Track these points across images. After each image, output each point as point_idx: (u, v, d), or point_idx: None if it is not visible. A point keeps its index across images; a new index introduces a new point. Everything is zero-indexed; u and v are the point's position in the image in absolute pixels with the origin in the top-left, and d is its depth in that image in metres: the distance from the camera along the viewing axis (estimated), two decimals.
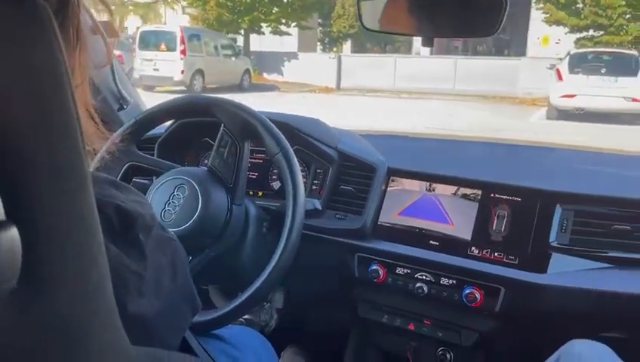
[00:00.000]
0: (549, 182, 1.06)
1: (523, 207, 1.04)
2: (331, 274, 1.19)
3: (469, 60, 14.50)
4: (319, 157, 1.18)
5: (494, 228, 1.05)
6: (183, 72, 11.96)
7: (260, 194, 1.24)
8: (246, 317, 1.18)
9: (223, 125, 1.00)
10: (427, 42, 0.87)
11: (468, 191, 1.09)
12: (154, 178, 1.04)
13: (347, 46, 21.55)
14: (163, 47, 12.16)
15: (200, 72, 12.43)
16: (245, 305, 0.89)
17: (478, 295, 1.02)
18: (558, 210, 1.02)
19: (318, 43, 22.80)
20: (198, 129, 1.19)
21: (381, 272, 1.09)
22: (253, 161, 1.25)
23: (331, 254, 1.15)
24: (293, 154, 0.96)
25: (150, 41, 12.41)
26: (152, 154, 1.11)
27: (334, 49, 21.66)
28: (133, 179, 1.08)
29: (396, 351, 1.17)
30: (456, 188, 1.10)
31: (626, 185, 1.06)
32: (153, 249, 0.51)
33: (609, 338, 0.88)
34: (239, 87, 13.43)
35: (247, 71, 14.07)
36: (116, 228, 0.46)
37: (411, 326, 1.12)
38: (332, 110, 10.06)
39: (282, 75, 15.97)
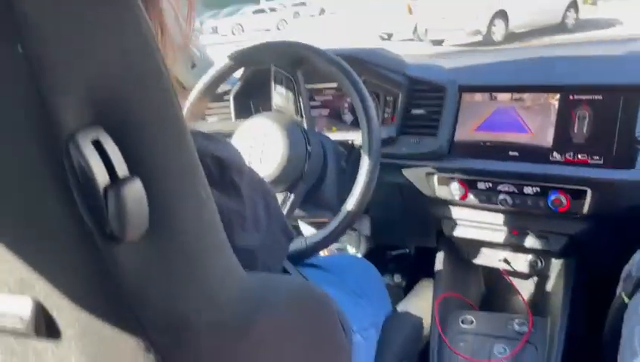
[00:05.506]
0: (629, 76, 1.07)
1: (605, 104, 1.07)
2: (413, 198, 1.29)
3: None
4: (388, 84, 1.26)
5: (575, 130, 1.09)
6: (476, 17, 9.27)
7: (334, 129, 1.35)
8: (337, 246, 1.33)
9: (272, 65, 1.13)
10: None
11: (544, 96, 1.13)
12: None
13: None
14: None
15: (502, 13, 9.46)
16: (336, 230, 1.01)
17: (564, 199, 1.07)
18: None
19: None
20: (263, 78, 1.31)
21: (462, 189, 1.18)
22: (322, 98, 1.36)
23: (411, 178, 1.25)
24: (361, 82, 1.04)
25: None
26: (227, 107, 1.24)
27: None
28: None
29: (487, 264, 1.27)
30: (531, 95, 1.14)
31: None
32: (247, 189, 0.60)
33: None
34: (561, 27, 9.90)
35: (573, 3, 10.23)
36: (214, 175, 0.55)
37: (499, 238, 1.21)
38: None
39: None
